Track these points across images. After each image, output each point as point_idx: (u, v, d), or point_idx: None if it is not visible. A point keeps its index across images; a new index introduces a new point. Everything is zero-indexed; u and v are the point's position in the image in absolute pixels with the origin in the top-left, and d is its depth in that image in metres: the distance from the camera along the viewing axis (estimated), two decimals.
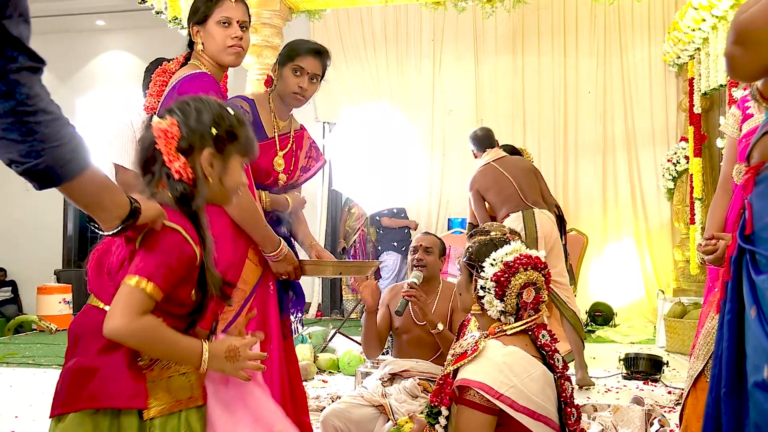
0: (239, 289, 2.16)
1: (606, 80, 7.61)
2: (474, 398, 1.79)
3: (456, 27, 7.86)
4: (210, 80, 2.18)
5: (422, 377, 3.02)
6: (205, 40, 2.26)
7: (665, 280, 7.21)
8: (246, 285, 2.19)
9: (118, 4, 8.25)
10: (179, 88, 2.15)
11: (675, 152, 7.02)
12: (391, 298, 3.26)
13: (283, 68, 2.49)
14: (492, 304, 1.92)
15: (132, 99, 4.25)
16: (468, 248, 2.05)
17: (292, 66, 2.47)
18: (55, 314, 7.56)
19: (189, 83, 2.14)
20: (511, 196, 4.41)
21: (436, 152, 7.88)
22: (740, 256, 1.49)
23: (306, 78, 2.48)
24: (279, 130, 2.54)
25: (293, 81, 2.47)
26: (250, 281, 2.21)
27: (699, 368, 2.27)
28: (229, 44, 2.24)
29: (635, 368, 4.62)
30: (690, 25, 5.93)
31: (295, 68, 2.47)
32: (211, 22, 2.24)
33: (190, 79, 2.15)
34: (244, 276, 2.19)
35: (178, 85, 2.16)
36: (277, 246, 2.25)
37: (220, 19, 2.23)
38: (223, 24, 2.24)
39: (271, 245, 2.24)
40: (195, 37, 2.29)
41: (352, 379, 4.44)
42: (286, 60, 2.49)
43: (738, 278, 1.49)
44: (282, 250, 2.26)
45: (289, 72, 2.47)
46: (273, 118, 2.53)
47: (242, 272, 2.19)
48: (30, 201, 9.34)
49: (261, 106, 2.51)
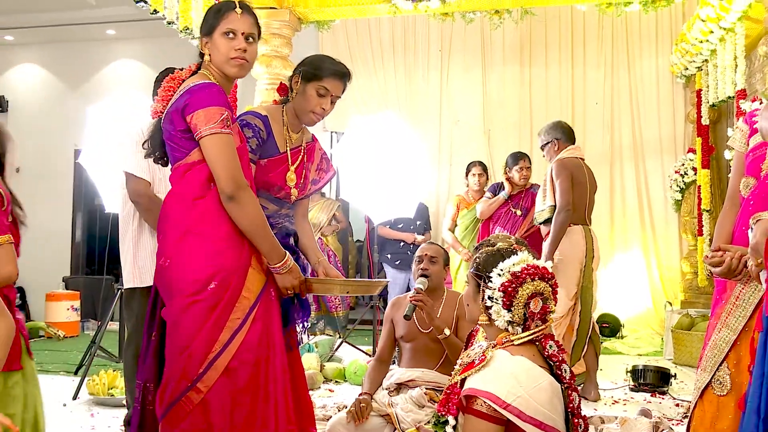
0: (244, 298, 2.17)
1: (614, 91, 7.61)
2: (481, 408, 1.80)
3: (464, 38, 7.88)
4: (219, 91, 2.20)
5: (429, 387, 3.03)
6: (212, 51, 2.29)
7: (673, 292, 7.18)
8: (250, 293, 2.19)
9: (129, 14, 8.31)
10: (190, 95, 2.17)
11: (683, 163, 7.01)
12: (394, 312, 3.28)
13: (306, 84, 2.49)
14: (499, 314, 1.93)
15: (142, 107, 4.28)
16: (475, 259, 2.06)
17: (317, 85, 2.47)
18: (63, 321, 7.59)
19: (199, 91, 2.17)
20: (581, 204, 4.40)
21: (443, 162, 7.89)
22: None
23: (328, 99, 2.49)
24: (291, 144, 2.54)
25: (316, 101, 2.48)
26: (255, 289, 2.21)
27: (706, 380, 2.27)
28: (233, 56, 2.26)
29: (643, 380, 4.61)
30: (698, 36, 5.94)
31: (320, 88, 2.47)
32: (217, 34, 2.27)
33: (200, 87, 2.18)
34: (248, 284, 2.19)
35: (188, 92, 2.18)
36: (282, 258, 2.25)
37: (225, 31, 2.26)
38: (228, 36, 2.26)
39: (277, 257, 2.24)
40: (203, 48, 2.32)
41: (358, 388, 4.43)
42: (312, 78, 2.48)
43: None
44: (287, 263, 2.26)
45: (313, 91, 2.47)
46: (286, 132, 2.53)
47: (246, 280, 2.19)
48: (38, 207, 9.37)
49: (274, 121, 2.51)
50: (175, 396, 2.11)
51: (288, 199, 2.54)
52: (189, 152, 2.20)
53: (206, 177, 2.18)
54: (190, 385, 2.10)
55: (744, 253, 2.05)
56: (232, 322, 2.14)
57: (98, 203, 7.68)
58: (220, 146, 2.14)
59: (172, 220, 2.22)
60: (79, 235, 9.59)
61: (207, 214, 2.18)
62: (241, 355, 2.14)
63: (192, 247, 2.16)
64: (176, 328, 2.16)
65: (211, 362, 2.10)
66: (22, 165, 9.56)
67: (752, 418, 1.60)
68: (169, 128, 2.22)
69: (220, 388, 2.11)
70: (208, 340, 2.12)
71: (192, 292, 2.13)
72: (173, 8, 4.57)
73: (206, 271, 2.14)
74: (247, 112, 2.48)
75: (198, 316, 2.13)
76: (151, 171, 3.04)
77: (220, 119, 2.14)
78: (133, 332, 3.13)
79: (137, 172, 3.01)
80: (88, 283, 8.78)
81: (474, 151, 7.51)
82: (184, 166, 2.22)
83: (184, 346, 2.13)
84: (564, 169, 4.35)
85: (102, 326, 4.88)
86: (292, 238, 2.61)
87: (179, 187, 2.24)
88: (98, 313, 8.33)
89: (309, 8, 5.78)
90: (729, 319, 2.23)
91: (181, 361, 2.13)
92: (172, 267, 2.19)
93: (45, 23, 8.92)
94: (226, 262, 2.16)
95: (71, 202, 9.47)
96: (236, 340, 2.13)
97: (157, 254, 2.26)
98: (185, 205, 2.20)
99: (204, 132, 2.13)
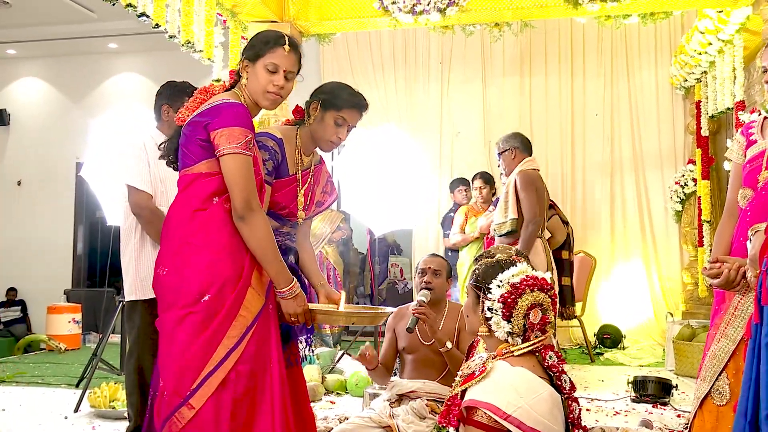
0: (241, 316, 2.15)
1: (613, 103, 7.63)
2: (482, 419, 1.81)
3: (464, 50, 7.92)
4: (246, 113, 2.22)
5: (430, 398, 3.03)
6: (251, 76, 2.31)
7: (674, 303, 7.18)
8: (248, 312, 2.17)
9: (131, 28, 8.36)
10: (218, 112, 2.19)
11: (683, 174, 7.04)
12: (397, 323, 3.28)
13: (325, 113, 2.49)
14: (499, 325, 1.94)
15: (144, 121, 4.31)
16: (474, 271, 2.07)
17: (335, 115, 2.48)
18: (64, 333, 7.59)
19: (227, 109, 2.19)
20: (543, 217, 4.41)
21: (444, 174, 7.91)
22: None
23: (345, 129, 2.50)
24: (302, 166, 2.55)
25: (333, 131, 2.49)
26: (253, 309, 2.18)
27: (705, 390, 2.28)
28: (270, 90, 2.29)
29: (644, 391, 4.59)
30: (696, 48, 5.97)
31: (339, 118, 2.48)
32: (260, 64, 2.29)
33: (228, 106, 2.20)
34: (246, 303, 2.17)
35: (216, 108, 2.21)
36: (289, 283, 2.24)
37: (267, 64, 2.28)
38: (270, 70, 2.28)
39: (284, 281, 2.24)
40: (243, 70, 2.34)
41: (359, 400, 4.44)
42: (331, 107, 2.48)
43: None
44: (293, 288, 2.25)
45: (332, 120, 2.48)
46: (298, 155, 2.54)
47: (245, 299, 2.17)
48: (40, 220, 9.42)
49: (288, 143, 2.52)
50: (169, 411, 2.10)
51: (292, 219, 2.55)
52: (198, 161, 2.21)
53: (211, 191, 2.19)
54: (182, 401, 2.08)
55: (742, 264, 2.07)
56: (228, 339, 2.11)
57: (100, 216, 7.71)
58: (239, 167, 2.15)
59: (172, 230, 2.23)
60: (80, 248, 9.61)
61: (206, 226, 2.18)
62: (237, 366, 2.12)
63: (188, 257, 2.16)
64: (170, 341, 2.15)
65: (205, 379, 2.08)
66: (24, 178, 9.61)
67: (740, 420, 1.64)
68: (189, 134, 2.23)
69: (215, 402, 2.09)
70: (202, 355, 2.10)
71: (186, 304, 2.12)
72: (175, 22, 4.59)
73: (201, 281, 2.13)
74: (262, 133, 2.48)
75: (192, 328, 2.11)
76: (153, 184, 3.05)
77: (244, 141, 2.15)
78: (135, 345, 3.13)
79: (139, 185, 3.03)
80: (89, 295, 8.79)
81: (474, 162, 7.53)
82: (190, 176, 2.22)
83: (178, 360, 2.11)
84: (531, 182, 4.36)
85: (103, 339, 4.88)
86: (292, 257, 2.62)
87: (182, 196, 2.25)
88: (99, 326, 8.34)
89: (310, 21, 5.82)
90: (728, 329, 2.24)
91: (174, 375, 2.12)
92: (168, 276, 2.19)
93: (47, 37, 8.98)
94: (223, 272, 2.14)
95: (73, 215, 9.49)
96: (231, 358, 2.11)
97: (156, 263, 2.26)
98: (185, 216, 2.20)
99: (225, 150, 2.14)
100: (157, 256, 2.28)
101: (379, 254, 8.78)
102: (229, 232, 2.18)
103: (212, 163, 2.19)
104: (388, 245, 9.90)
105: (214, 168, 2.19)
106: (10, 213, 9.53)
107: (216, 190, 2.19)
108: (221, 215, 2.19)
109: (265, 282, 2.25)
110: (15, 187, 9.60)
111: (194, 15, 4.75)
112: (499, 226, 4.46)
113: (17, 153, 9.67)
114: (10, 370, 6.02)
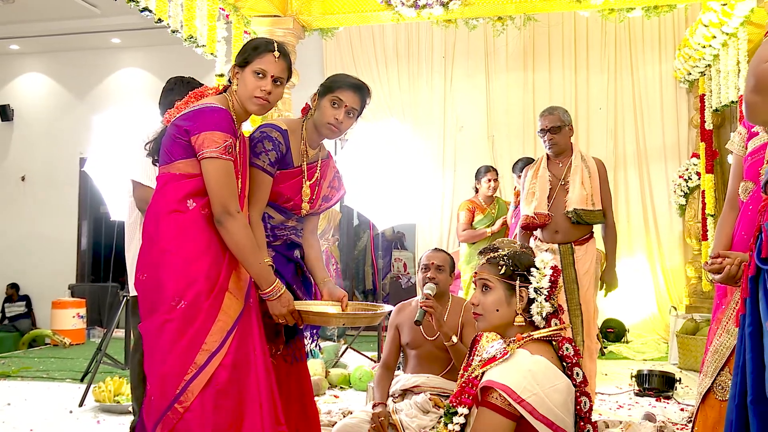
0: (220, 320, 2.15)
1: (617, 96, 7.62)
2: (496, 401, 1.81)
3: (467, 44, 7.91)
4: (227, 118, 2.23)
5: (433, 392, 3.04)
6: (240, 82, 2.33)
7: (678, 297, 7.18)
8: (227, 317, 2.17)
9: (134, 23, 8.36)
10: (200, 115, 2.20)
11: (686, 168, 7.02)
12: (399, 319, 3.28)
13: (321, 99, 2.53)
14: (542, 306, 1.96)
15: (148, 116, 4.31)
16: (500, 263, 2.03)
17: (330, 97, 2.51)
18: (68, 328, 7.63)
19: (209, 114, 2.20)
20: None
21: (448, 168, 7.91)
22: (757, 275, 1.65)
23: (343, 111, 2.51)
24: (307, 159, 2.56)
25: (330, 112, 2.50)
26: (232, 314, 2.18)
27: (708, 385, 2.28)
28: (257, 95, 2.30)
29: (648, 385, 4.61)
30: (700, 42, 5.96)
31: (334, 100, 2.50)
32: (249, 70, 2.31)
33: (211, 110, 2.21)
34: (224, 307, 2.17)
35: (200, 111, 2.22)
36: (270, 284, 2.25)
37: (256, 69, 2.30)
38: (258, 75, 2.30)
39: (265, 283, 2.25)
40: (233, 77, 2.36)
41: (363, 394, 4.45)
42: (326, 91, 2.52)
43: (756, 295, 1.65)
44: (275, 289, 2.26)
45: (327, 103, 2.51)
46: (303, 147, 2.55)
47: (223, 303, 2.16)
48: (44, 216, 9.45)
49: (292, 135, 2.53)
50: (158, 415, 2.11)
51: (297, 212, 2.55)
52: (175, 160, 2.21)
53: (185, 194, 2.20)
54: (168, 405, 2.10)
55: (743, 259, 2.06)
56: (208, 345, 2.12)
57: (104, 211, 7.73)
58: (218, 171, 2.17)
59: (147, 234, 2.24)
60: (84, 243, 9.63)
61: (183, 232, 2.18)
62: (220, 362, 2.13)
63: (165, 264, 2.16)
64: (152, 347, 2.17)
65: (188, 384, 2.09)
66: (28, 173, 9.63)
67: (730, 405, 1.74)
68: (171, 132, 2.24)
69: (200, 400, 2.10)
70: (182, 362, 2.10)
71: (164, 310, 2.13)
72: (177, 17, 4.60)
73: (177, 288, 2.13)
74: (266, 124, 2.50)
75: (170, 335, 2.12)
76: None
77: (223, 145, 2.17)
78: (139, 339, 3.14)
79: (144, 180, 3.04)
80: (93, 290, 8.82)
81: (478, 156, 7.52)
82: (167, 176, 2.23)
83: (159, 366, 2.13)
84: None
85: (108, 333, 4.90)
86: (297, 252, 2.62)
87: (158, 195, 2.25)
88: (104, 321, 8.38)
89: (313, 16, 5.81)
90: (730, 324, 2.24)
91: (158, 381, 2.13)
92: (148, 282, 2.20)
93: (50, 32, 8.99)
94: (198, 278, 2.14)
95: (77, 210, 9.51)
96: (213, 363, 2.11)
97: (136, 267, 2.27)
98: (160, 219, 2.20)
99: (206, 154, 2.16)
100: (137, 260, 2.27)
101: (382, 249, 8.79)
102: (207, 238, 2.19)
103: (189, 163, 2.20)
104: (391, 240, 9.89)
105: (190, 169, 2.20)
106: (15, 209, 9.55)
107: (191, 191, 2.20)
108: (198, 220, 2.19)
109: (245, 284, 2.26)
110: (19, 182, 9.62)
111: (197, 10, 4.75)
112: (586, 213, 3.85)
113: (21, 149, 9.69)
114: (15, 364, 6.05)
